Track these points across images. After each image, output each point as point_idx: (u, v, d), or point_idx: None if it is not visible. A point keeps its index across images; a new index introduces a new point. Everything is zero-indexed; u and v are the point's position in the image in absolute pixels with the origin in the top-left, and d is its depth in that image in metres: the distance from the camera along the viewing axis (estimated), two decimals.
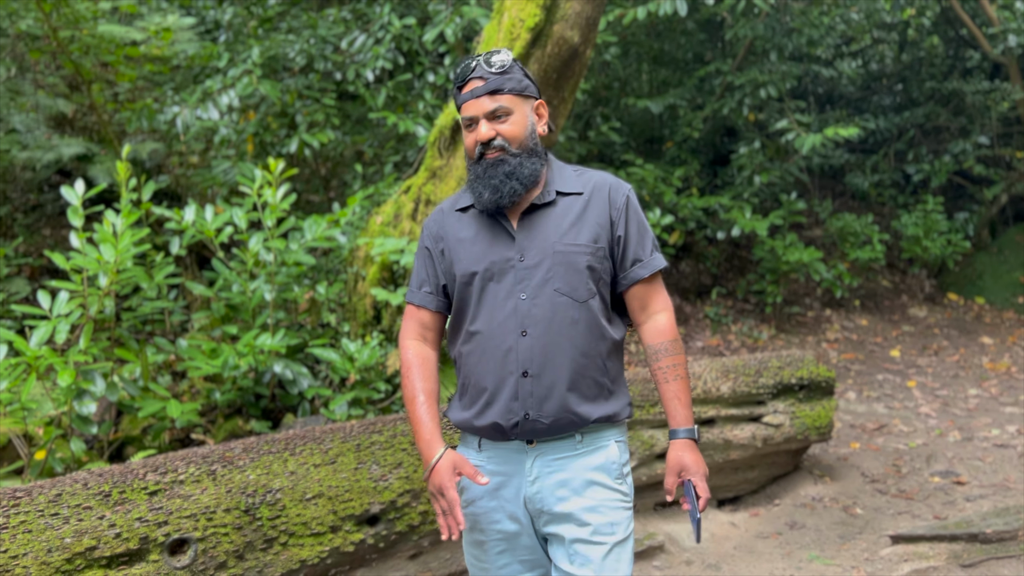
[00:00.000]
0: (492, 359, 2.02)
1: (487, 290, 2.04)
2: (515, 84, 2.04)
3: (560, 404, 1.99)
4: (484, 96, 2.02)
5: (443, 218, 2.16)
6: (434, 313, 2.17)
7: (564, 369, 1.99)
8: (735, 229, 7.42)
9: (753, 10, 7.98)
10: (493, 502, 2.07)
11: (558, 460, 2.03)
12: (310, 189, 7.40)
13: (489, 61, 2.03)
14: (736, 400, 4.17)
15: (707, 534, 3.99)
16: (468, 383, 2.08)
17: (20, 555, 2.38)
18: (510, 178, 2.00)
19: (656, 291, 2.12)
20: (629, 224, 2.08)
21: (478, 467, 2.07)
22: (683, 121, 8.29)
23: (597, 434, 2.05)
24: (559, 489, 2.02)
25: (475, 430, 2.07)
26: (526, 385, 1.99)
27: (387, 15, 6.29)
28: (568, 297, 2.00)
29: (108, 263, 3.62)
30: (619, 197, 2.08)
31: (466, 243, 2.08)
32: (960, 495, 4.44)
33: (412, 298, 2.18)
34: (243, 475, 2.83)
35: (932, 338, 8.01)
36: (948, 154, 9.40)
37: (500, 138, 2.02)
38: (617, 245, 2.08)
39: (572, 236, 2.03)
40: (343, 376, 4.19)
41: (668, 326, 2.10)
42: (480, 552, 2.12)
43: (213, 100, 5.90)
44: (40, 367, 3.31)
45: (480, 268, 2.04)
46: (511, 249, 2.04)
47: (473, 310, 2.05)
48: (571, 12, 4.34)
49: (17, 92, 6.35)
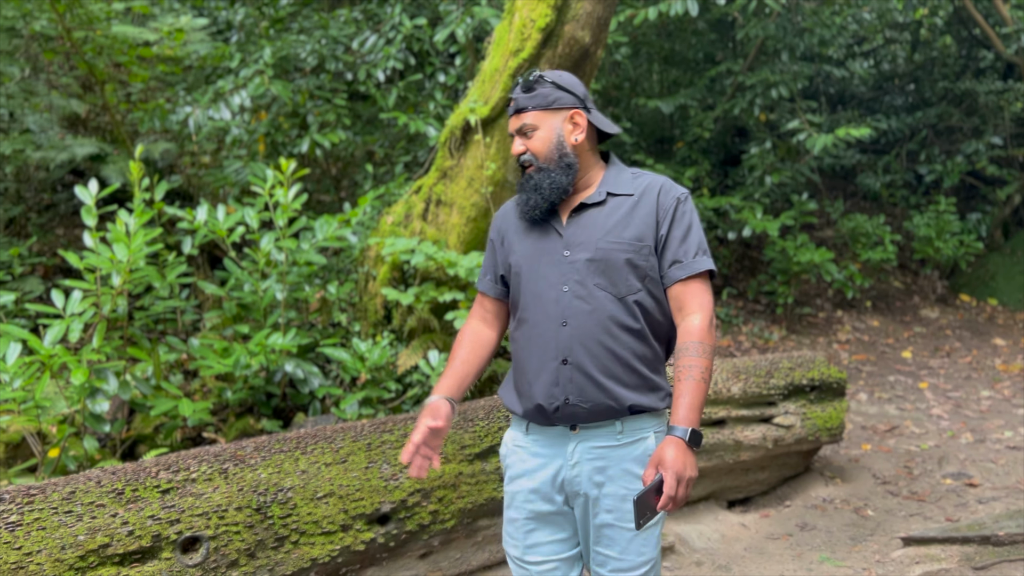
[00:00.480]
0: (536, 346, 2.15)
1: (535, 282, 2.17)
2: (540, 101, 2.18)
3: (598, 389, 2.09)
4: (513, 115, 2.22)
5: (507, 213, 2.34)
6: (495, 300, 2.35)
7: (601, 358, 2.09)
8: (746, 229, 7.40)
9: (764, 10, 7.96)
10: (531, 483, 2.19)
11: (599, 449, 2.14)
12: (321, 189, 7.42)
13: (523, 81, 2.21)
14: (747, 401, 4.16)
15: (718, 535, 3.98)
16: (517, 368, 2.22)
17: (34, 552, 2.39)
18: (535, 191, 2.17)
19: (694, 293, 2.13)
20: (674, 226, 2.16)
21: (523, 448, 2.21)
22: (694, 121, 8.27)
23: (637, 424, 2.15)
24: (596, 476, 2.13)
25: (522, 412, 2.19)
26: (565, 372, 2.10)
27: (398, 15, 6.30)
28: (607, 292, 2.10)
29: (121, 262, 3.64)
30: (668, 199, 2.17)
31: (520, 237, 2.25)
32: (972, 497, 4.41)
33: (479, 285, 2.39)
34: (255, 474, 2.84)
35: (944, 339, 7.96)
36: (961, 154, 9.35)
37: (528, 153, 2.19)
38: (659, 244, 2.16)
39: (616, 234, 2.13)
40: (354, 375, 4.20)
41: (698, 328, 2.10)
42: (513, 529, 2.24)
43: (225, 100, 5.92)
44: (54, 365, 3.33)
45: (528, 261, 2.20)
46: (558, 244, 2.17)
47: (523, 300, 2.20)
48: (582, 12, 4.34)
49: (31, 92, 6.39)
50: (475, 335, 2.35)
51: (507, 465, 2.26)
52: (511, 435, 2.29)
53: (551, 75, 2.23)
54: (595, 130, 2.26)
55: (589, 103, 2.26)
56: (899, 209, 10.08)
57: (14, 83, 6.31)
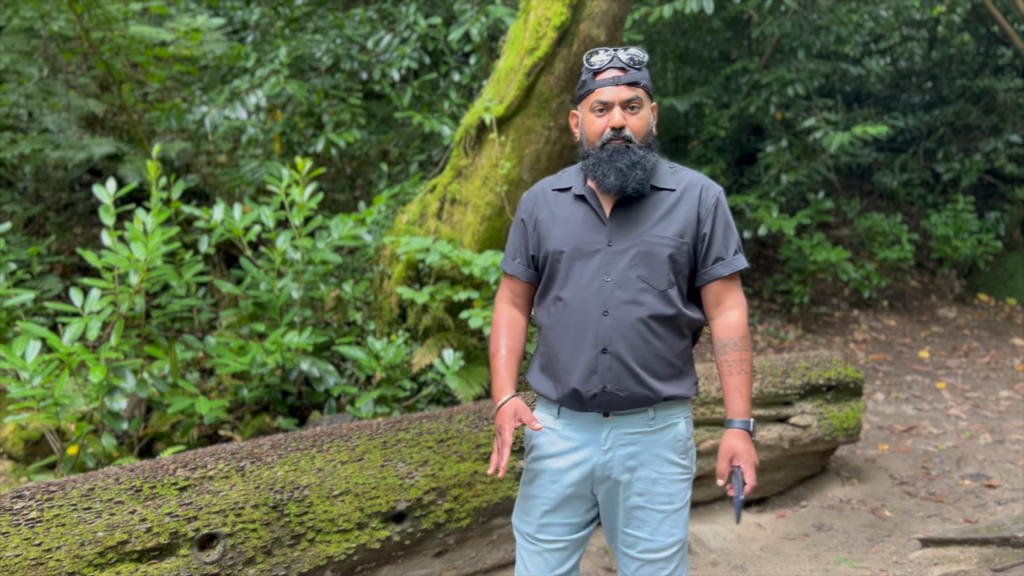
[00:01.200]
0: (575, 333, 2.16)
1: (573, 268, 2.17)
2: (647, 82, 2.19)
3: (635, 380, 2.13)
4: (624, 85, 2.14)
5: (540, 195, 2.30)
6: (524, 283, 2.34)
7: (640, 349, 2.13)
8: (762, 228, 7.36)
9: (780, 8, 7.91)
10: (560, 464, 2.21)
11: (632, 435, 2.18)
12: (336, 188, 7.44)
13: (629, 53, 2.16)
14: (763, 401, 4.14)
15: (733, 535, 3.96)
16: (550, 352, 2.22)
17: (54, 548, 2.41)
18: (635, 167, 2.12)
19: (732, 289, 2.23)
20: (716, 223, 2.19)
21: (554, 431, 2.24)
22: (709, 120, 8.23)
23: (668, 411, 2.21)
24: (628, 460, 2.18)
25: (556, 396, 2.21)
26: (605, 361, 2.13)
27: (413, 15, 6.31)
28: (648, 284, 2.13)
29: (138, 261, 3.67)
30: (709, 197, 2.20)
31: (560, 222, 2.22)
32: (991, 498, 4.38)
33: (506, 267, 2.36)
34: (271, 471, 2.85)
35: (962, 339, 7.90)
36: (979, 152, 9.26)
37: (627, 130, 2.14)
38: (702, 242, 2.19)
39: (660, 229, 2.15)
40: (369, 374, 4.21)
41: (739, 323, 2.21)
42: (531, 506, 2.26)
43: (241, 100, 5.95)
44: (72, 363, 3.36)
45: (569, 248, 2.18)
46: (601, 233, 2.17)
47: (559, 286, 2.19)
48: (597, 10, 4.33)
49: (49, 92, 6.44)
50: (512, 321, 2.35)
51: (534, 444, 2.27)
52: (540, 415, 2.30)
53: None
54: None
55: None
56: (916, 208, 10.00)
57: (33, 83, 6.36)
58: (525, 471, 2.32)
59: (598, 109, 2.17)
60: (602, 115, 2.16)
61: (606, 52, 2.16)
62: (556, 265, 2.21)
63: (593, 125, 2.18)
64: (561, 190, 2.28)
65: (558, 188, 2.29)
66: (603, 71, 2.16)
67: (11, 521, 2.42)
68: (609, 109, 2.15)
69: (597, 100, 2.16)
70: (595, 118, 2.17)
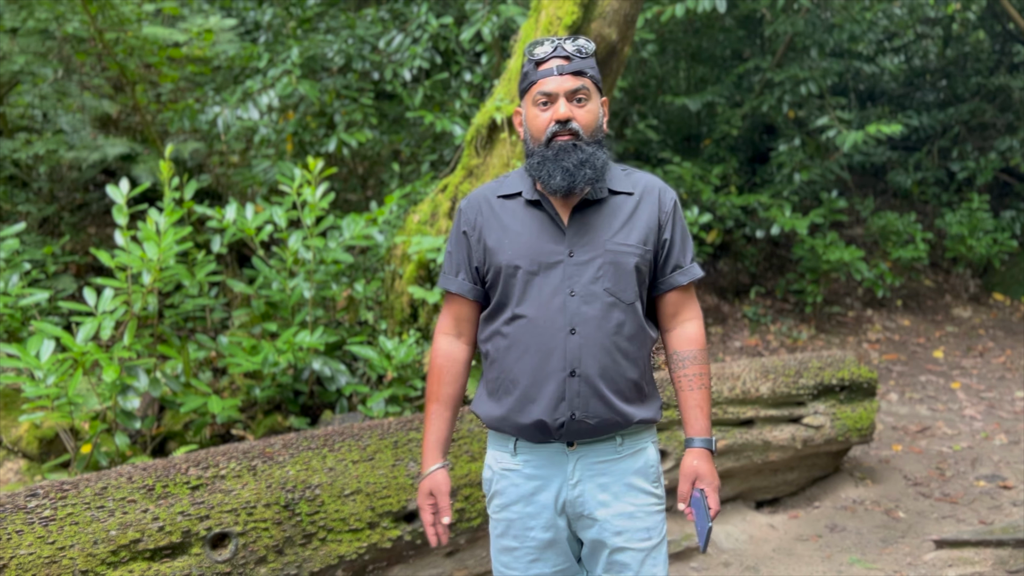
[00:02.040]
0: (538, 355, 1.95)
1: (532, 284, 1.96)
2: (595, 73, 2.00)
3: (605, 405, 1.95)
4: (568, 75, 1.95)
5: (484, 203, 2.07)
6: (471, 303, 2.10)
7: (610, 370, 1.95)
8: (774, 228, 7.32)
9: (793, 6, 7.87)
10: (529, 508, 2.02)
11: (600, 463, 2.01)
12: (348, 188, 7.46)
13: (575, 42, 1.98)
14: (776, 401, 4.12)
15: (745, 536, 3.95)
16: (504, 379, 2.00)
17: (67, 546, 2.43)
18: (583, 165, 1.93)
19: (690, 299, 2.10)
20: (675, 229, 2.05)
21: (514, 471, 2.03)
22: (721, 118, 8.20)
23: (636, 436, 2.04)
24: (601, 493, 1.99)
25: (513, 429, 2.00)
26: (573, 385, 1.94)
27: (424, 14, 6.31)
28: (616, 298, 1.96)
29: (151, 261, 3.68)
30: (668, 201, 2.05)
31: (512, 233, 2.00)
32: (1007, 499, 4.34)
33: (448, 285, 2.10)
34: (283, 471, 2.86)
35: (977, 339, 7.83)
36: (994, 151, 9.18)
37: (575, 123, 1.95)
38: (662, 249, 2.04)
39: (623, 236, 1.99)
40: (380, 373, 4.22)
41: (698, 334, 2.08)
42: (511, 559, 2.06)
43: (253, 100, 5.97)
44: (86, 363, 3.38)
45: (526, 261, 1.97)
46: (560, 243, 1.97)
47: (516, 303, 1.98)
48: (609, 9, 4.32)
49: (64, 93, 6.49)
50: (452, 362, 2.11)
51: (496, 491, 2.06)
52: (495, 456, 2.08)
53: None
54: None
55: None
56: (930, 207, 9.93)
57: (47, 84, 6.40)
58: (493, 522, 2.09)
59: (541, 102, 1.96)
60: (546, 108, 1.96)
61: (550, 42, 1.97)
62: (511, 281, 1.98)
63: (537, 120, 1.97)
64: (508, 196, 2.05)
65: (504, 195, 2.06)
66: (546, 61, 1.96)
67: (25, 519, 2.44)
68: (553, 101, 1.95)
69: (540, 92, 1.96)
70: (539, 112, 1.97)
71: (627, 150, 8.01)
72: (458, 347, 2.13)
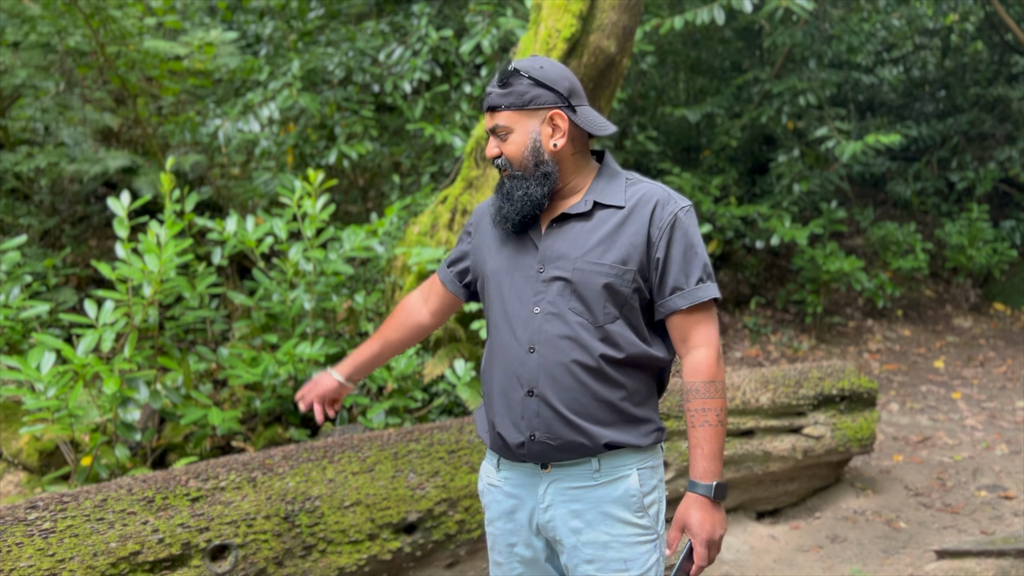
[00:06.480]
0: (501, 371, 1.92)
1: (504, 298, 1.93)
2: (514, 99, 1.87)
3: (569, 427, 1.84)
4: (488, 112, 1.92)
5: (487, 211, 2.07)
6: (449, 293, 2.18)
7: (570, 392, 1.84)
8: (774, 238, 7.34)
9: (792, 17, 7.91)
10: (509, 524, 2.00)
11: (573, 489, 1.90)
12: (349, 200, 7.48)
13: (501, 72, 1.91)
14: (776, 411, 4.12)
15: (747, 547, 3.94)
16: (484, 391, 2.00)
17: (67, 559, 2.43)
18: (506, 200, 1.90)
19: (696, 324, 1.88)
20: (672, 246, 1.86)
21: (497, 487, 2.01)
22: (720, 129, 8.23)
23: (616, 462, 1.89)
24: (572, 520, 1.90)
25: (490, 442, 2.00)
26: (531, 405, 1.86)
27: (424, 27, 6.35)
28: (582, 318, 1.85)
29: (152, 273, 3.69)
30: (664, 215, 1.86)
31: (495, 244, 1.99)
32: (1008, 510, 4.33)
33: (440, 270, 2.19)
34: (283, 482, 2.86)
35: (978, 349, 7.83)
36: (993, 161, 9.21)
37: (503, 158, 1.91)
38: (655, 269, 1.87)
39: (597, 254, 1.85)
40: (380, 385, 4.22)
41: (705, 365, 1.86)
42: (499, 573, 2.06)
43: (254, 113, 5.99)
44: (87, 375, 3.38)
45: (500, 274, 1.95)
46: (533, 257, 1.91)
47: (492, 318, 1.97)
48: (607, 22, 4.34)
49: (66, 106, 6.52)
50: (407, 315, 2.22)
51: (485, 504, 2.06)
52: (484, 469, 2.07)
53: (530, 67, 1.88)
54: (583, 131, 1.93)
55: (576, 99, 1.91)
56: (930, 217, 9.95)
57: (49, 97, 6.43)
58: (487, 533, 2.08)
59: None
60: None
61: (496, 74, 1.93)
62: (487, 291, 1.98)
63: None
64: None
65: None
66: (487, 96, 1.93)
67: (25, 532, 2.44)
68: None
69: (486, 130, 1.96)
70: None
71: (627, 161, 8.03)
72: (421, 309, 2.22)
